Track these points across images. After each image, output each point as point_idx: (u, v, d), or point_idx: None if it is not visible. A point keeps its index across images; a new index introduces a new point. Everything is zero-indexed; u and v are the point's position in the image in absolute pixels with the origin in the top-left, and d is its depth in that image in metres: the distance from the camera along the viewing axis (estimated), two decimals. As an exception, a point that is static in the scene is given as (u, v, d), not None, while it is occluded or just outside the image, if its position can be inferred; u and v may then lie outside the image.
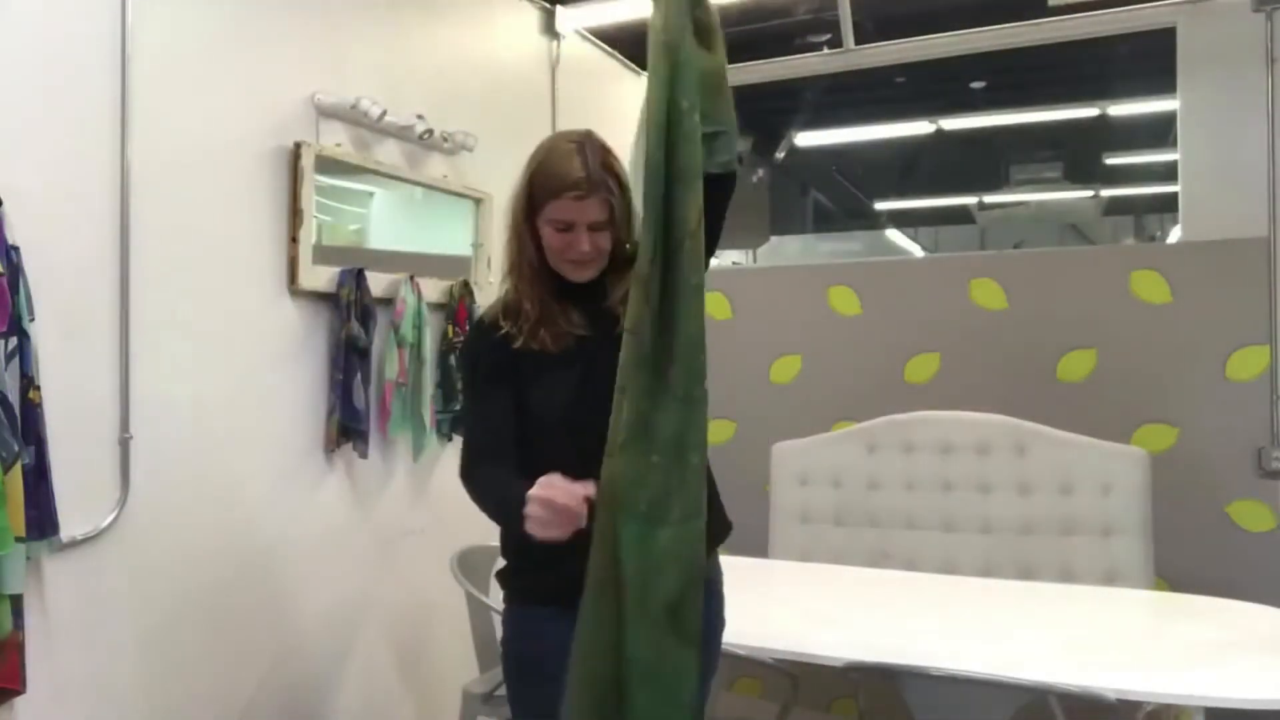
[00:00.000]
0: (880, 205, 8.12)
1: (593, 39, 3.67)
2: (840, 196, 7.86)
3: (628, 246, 1.52)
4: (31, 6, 1.79)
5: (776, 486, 3.14)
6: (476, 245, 2.97)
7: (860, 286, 3.49)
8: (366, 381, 2.50)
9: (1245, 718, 1.69)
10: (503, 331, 1.54)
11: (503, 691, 1.65)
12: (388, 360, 2.58)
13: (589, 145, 1.51)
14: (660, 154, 1.33)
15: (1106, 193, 6.99)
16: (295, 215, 2.33)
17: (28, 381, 1.68)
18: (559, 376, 1.51)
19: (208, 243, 2.14)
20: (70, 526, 1.80)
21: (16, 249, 1.68)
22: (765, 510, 3.12)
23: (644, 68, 4.38)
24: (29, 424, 1.68)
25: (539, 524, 1.28)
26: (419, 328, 2.66)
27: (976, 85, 4.91)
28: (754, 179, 5.50)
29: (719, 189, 1.41)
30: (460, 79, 2.97)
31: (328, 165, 2.44)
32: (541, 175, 1.51)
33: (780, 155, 5.66)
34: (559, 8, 3.41)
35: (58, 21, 1.83)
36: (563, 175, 1.48)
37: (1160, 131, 4.65)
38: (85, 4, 1.88)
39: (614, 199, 1.48)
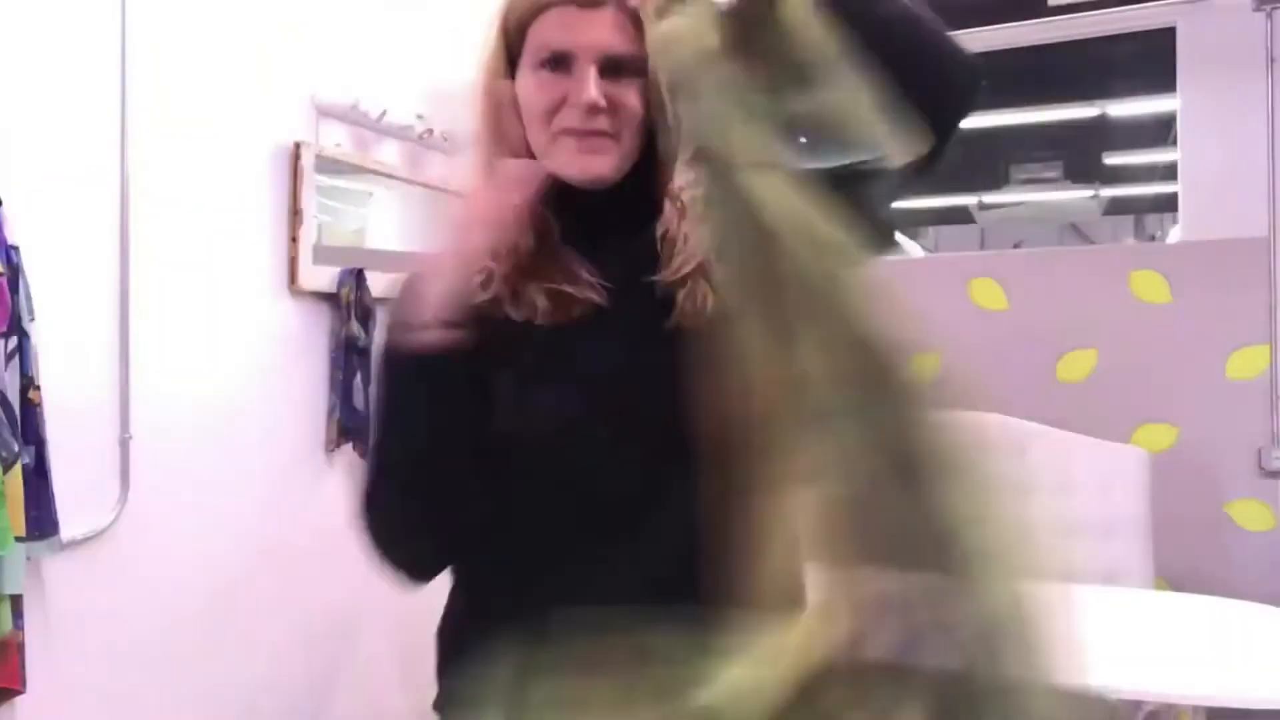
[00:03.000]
0: (880, 205, 8.10)
1: (593, 39, 3.66)
2: (840, 196, 7.84)
3: (668, 151, 0.82)
4: (32, 6, 1.79)
5: (776, 486, 3.13)
6: (476, 245, 2.97)
7: (860, 286, 3.48)
8: (366, 381, 2.50)
9: (1245, 718, 1.69)
10: (486, 295, 0.87)
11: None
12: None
13: None
14: None
15: (1106, 192, 6.98)
16: (295, 215, 2.33)
17: (28, 381, 1.68)
18: (555, 368, 0.85)
19: (208, 243, 2.14)
20: (70, 526, 1.80)
21: (16, 249, 1.68)
22: (765, 510, 3.12)
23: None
24: (29, 424, 1.68)
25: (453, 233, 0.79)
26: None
27: (976, 85, 4.90)
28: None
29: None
30: (460, 79, 2.97)
31: (328, 165, 2.43)
32: None
33: (780, 155, 5.64)
34: (559, 8, 3.41)
35: (58, 21, 1.83)
36: None
37: (1160, 131, 4.65)
38: (85, 3, 1.88)
39: (645, 24, 0.79)
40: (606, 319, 0.84)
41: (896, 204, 0.80)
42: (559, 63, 0.85)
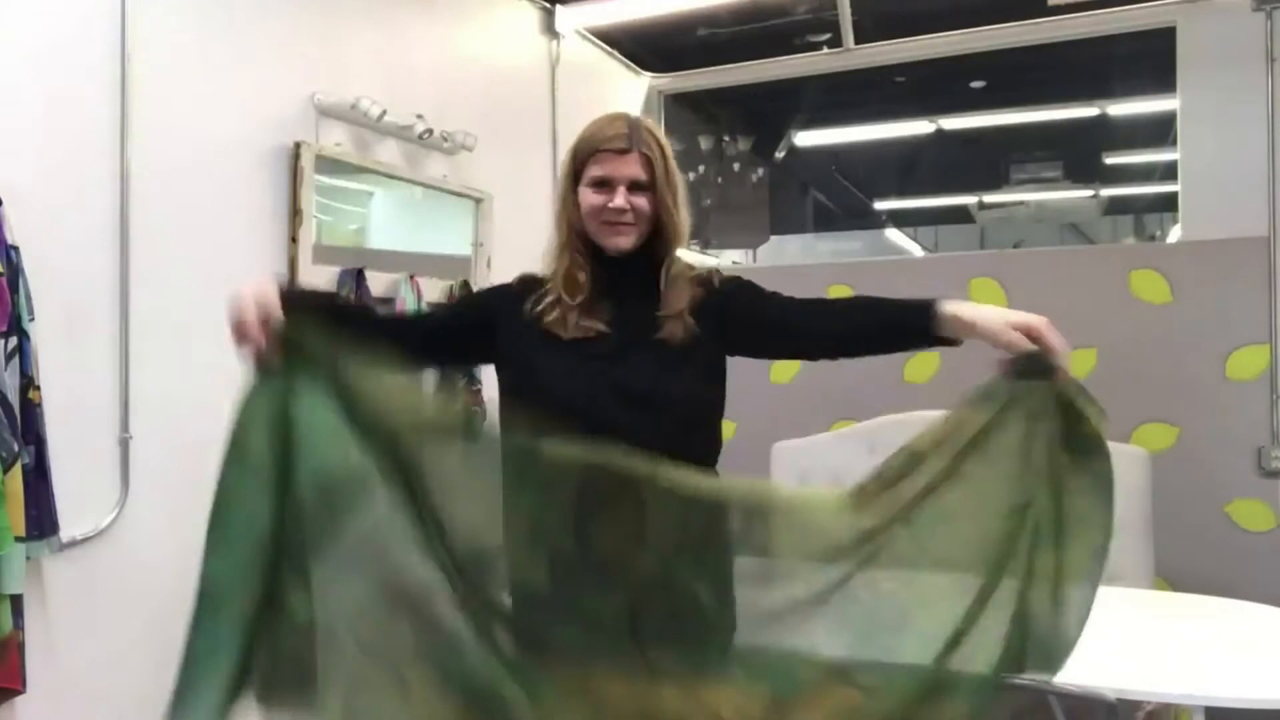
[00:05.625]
0: (880, 205, 8.12)
1: (592, 39, 3.67)
2: (840, 196, 7.86)
3: (666, 232, 1.46)
4: (32, 6, 1.79)
5: (776, 486, 3.14)
6: (476, 245, 2.97)
7: (860, 286, 3.47)
8: (366, 381, 2.50)
9: (1245, 718, 1.69)
10: (535, 295, 1.48)
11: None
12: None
13: (634, 117, 1.51)
14: None
15: (1106, 192, 6.98)
16: (295, 215, 2.33)
17: (28, 381, 1.68)
18: (570, 365, 1.43)
19: (207, 243, 2.14)
20: (70, 526, 1.80)
21: (16, 249, 1.68)
22: (765, 510, 3.12)
23: (644, 67, 4.39)
24: (29, 424, 1.68)
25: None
26: (419, 328, 2.66)
27: (976, 85, 4.91)
28: (754, 179, 5.50)
29: None
30: (460, 79, 2.97)
31: (327, 165, 2.43)
32: (585, 136, 1.51)
33: (780, 155, 5.66)
34: (559, 7, 3.41)
35: (58, 21, 1.83)
36: (604, 131, 1.48)
37: (1160, 131, 4.65)
38: (85, 4, 1.88)
39: (655, 161, 1.45)
40: (607, 344, 1.44)
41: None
42: (603, 184, 1.45)
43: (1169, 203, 3.51)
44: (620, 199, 1.43)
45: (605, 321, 1.45)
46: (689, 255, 1.59)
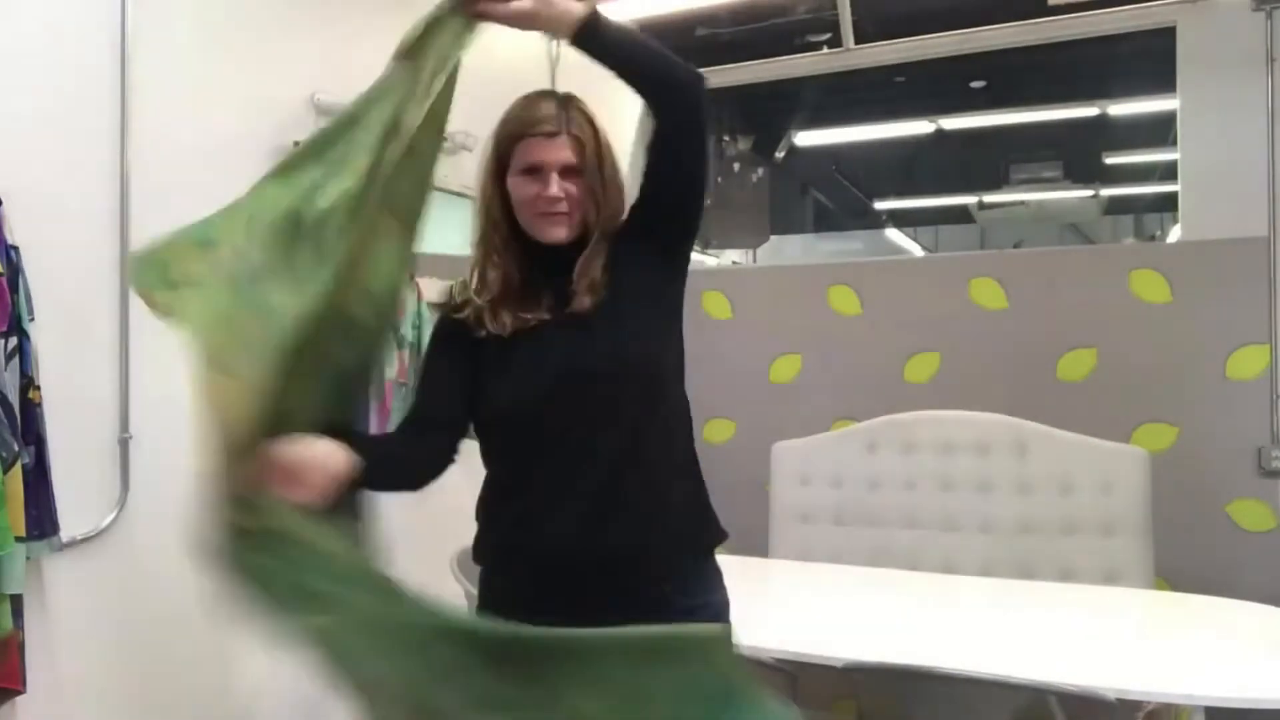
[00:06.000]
0: (880, 205, 8.12)
1: (593, 39, 3.66)
2: (840, 196, 7.86)
3: (601, 216, 1.37)
4: (32, 6, 1.79)
5: (776, 486, 3.14)
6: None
7: (860, 286, 3.49)
8: (366, 381, 2.50)
9: (1245, 717, 1.69)
10: (463, 315, 1.40)
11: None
12: (387, 360, 2.58)
13: (559, 94, 1.46)
14: None
15: (1106, 192, 6.99)
16: (295, 215, 2.33)
17: (28, 381, 1.68)
18: (512, 361, 1.36)
19: (208, 243, 2.14)
20: (70, 526, 1.80)
21: (16, 249, 1.68)
22: (765, 510, 3.12)
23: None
24: (29, 424, 1.68)
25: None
26: (419, 328, 2.66)
27: (976, 85, 4.92)
28: (754, 178, 5.50)
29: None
30: (459, 78, 2.97)
31: (328, 165, 2.43)
32: (508, 120, 1.42)
33: (780, 155, 5.66)
34: (559, 7, 3.41)
35: (58, 21, 1.84)
36: (530, 113, 1.41)
37: (1160, 131, 4.66)
38: (85, 4, 1.88)
39: (586, 142, 1.37)
40: (544, 331, 1.36)
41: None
42: (533, 171, 1.36)
43: (1169, 203, 3.51)
44: (554, 187, 1.35)
45: (548, 309, 1.37)
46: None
